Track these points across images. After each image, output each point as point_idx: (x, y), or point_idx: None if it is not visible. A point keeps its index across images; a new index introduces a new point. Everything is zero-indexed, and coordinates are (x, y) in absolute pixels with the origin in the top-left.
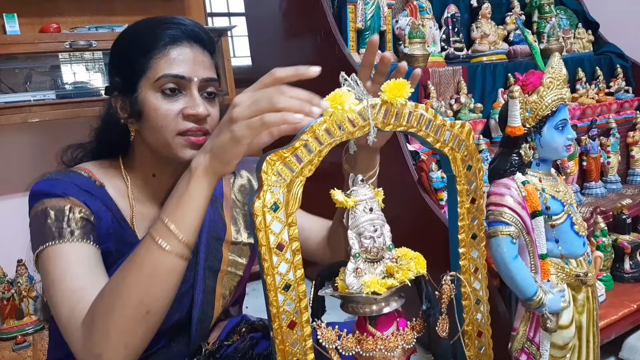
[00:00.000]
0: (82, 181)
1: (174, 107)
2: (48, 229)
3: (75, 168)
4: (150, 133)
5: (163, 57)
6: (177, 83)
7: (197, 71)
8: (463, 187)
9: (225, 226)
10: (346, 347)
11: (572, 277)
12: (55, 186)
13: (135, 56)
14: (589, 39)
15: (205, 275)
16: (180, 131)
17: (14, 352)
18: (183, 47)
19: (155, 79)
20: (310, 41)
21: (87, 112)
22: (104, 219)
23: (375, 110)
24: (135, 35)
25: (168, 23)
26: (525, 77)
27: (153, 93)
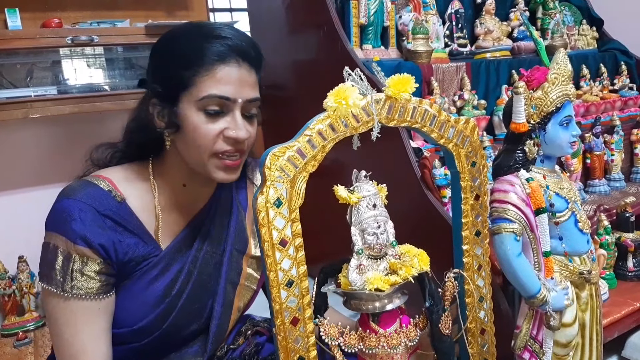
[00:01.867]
0: (101, 201)
1: (215, 128)
2: (54, 273)
3: (98, 177)
4: (186, 148)
5: (209, 75)
6: (220, 104)
7: (242, 92)
8: (467, 183)
9: (247, 239)
10: (349, 344)
11: (575, 274)
12: (67, 221)
13: (178, 69)
14: (593, 36)
15: (227, 289)
16: (217, 152)
17: (15, 349)
18: (231, 66)
19: (200, 98)
20: (313, 37)
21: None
22: (120, 246)
23: (379, 105)
24: (179, 46)
25: (215, 36)
26: (530, 73)
27: (195, 111)
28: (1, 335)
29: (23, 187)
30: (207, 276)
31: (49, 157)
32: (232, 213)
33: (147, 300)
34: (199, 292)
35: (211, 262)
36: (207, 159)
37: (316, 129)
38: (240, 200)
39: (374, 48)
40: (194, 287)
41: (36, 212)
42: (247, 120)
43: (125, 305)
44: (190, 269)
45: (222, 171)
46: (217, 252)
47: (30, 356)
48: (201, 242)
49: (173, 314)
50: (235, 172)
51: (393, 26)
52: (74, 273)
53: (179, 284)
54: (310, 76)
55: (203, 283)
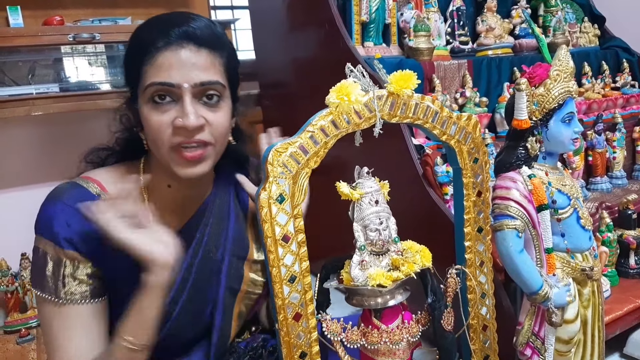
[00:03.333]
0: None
1: (165, 118)
2: (46, 280)
3: (87, 179)
4: (150, 144)
5: (150, 63)
6: (166, 91)
7: (188, 76)
8: (469, 179)
9: (248, 244)
10: (351, 340)
11: (577, 271)
12: (54, 225)
13: (130, 64)
14: (595, 33)
15: (226, 296)
16: (172, 144)
17: (18, 345)
18: (172, 50)
19: (144, 88)
20: (314, 34)
21: (90, 105)
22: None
23: (381, 101)
24: (133, 41)
25: (167, 24)
26: (532, 70)
27: (144, 103)
28: (4, 332)
29: (25, 184)
30: (204, 283)
31: (51, 155)
32: (229, 217)
33: None
34: (196, 300)
35: (208, 269)
36: (166, 153)
37: (318, 125)
38: (241, 201)
39: (375, 45)
40: (190, 295)
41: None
42: (207, 107)
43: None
44: (186, 276)
45: (183, 166)
46: (214, 258)
47: (33, 353)
48: (196, 248)
49: (169, 322)
50: (198, 166)
51: (395, 23)
52: (66, 278)
53: (173, 291)
54: (312, 74)
55: (200, 290)
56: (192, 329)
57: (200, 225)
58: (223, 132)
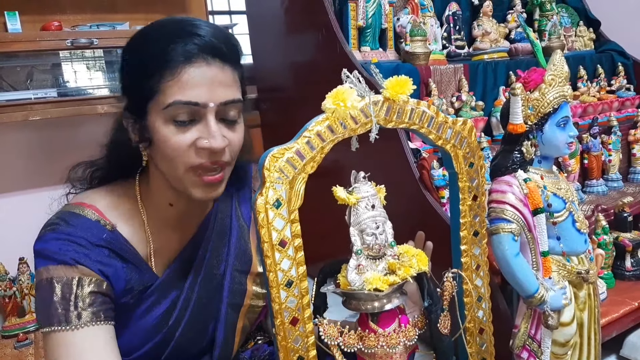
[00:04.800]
0: (92, 232)
1: (186, 138)
2: (54, 309)
3: (82, 205)
4: (162, 163)
5: (174, 79)
6: (190, 111)
7: (214, 94)
8: (465, 184)
9: (251, 257)
10: (348, 344)
11: (573, 274)
12: (62, 249)
13: (144, 75)
14: (591, 37)
15: (228, 313)
16: (192, 165)
17: (15, 350)
18: (197, 67)
19: (165, 106)
20: (311, 39)
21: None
22: (120, 275)
23: (377, 107)
24: (144, 49)
25: (181, 35)
26: (527, 75)
27: (163, 121)
28: (2, 337)
29: (23, 189)
30: (206, 300)
31: (49, 159)
32: (231, 231)
33: (144, 327)
34: (198, 317)
35: (211, 285)
36: (183, 174)
37: (315, 131)
38: (243, 214)
39: (372, 50)
40: (193, 313)
41: (36, 214)
42: (226, 126)
43: (122, 334)
44: (189, 295)
45: (200, 189)
46: (217, 273)
47: (30, 357)
48: (199, 265)
49: (172, 342)
50: (217, 189)
51: (391, 28)
52: (77, 299)
53: (176, 311)
54: (309, 78)
55: (202, 307)
56: (196, 346)
57: (203, 242)
58: (238, 151)
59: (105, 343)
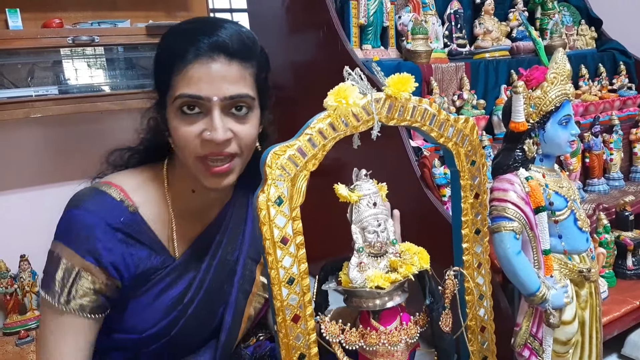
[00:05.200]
0: (112, 213)
1: (193, 129)
2: (54, 282)
3: (109, 184)
4: (178, 152)
5: (182, 74)
6: (195, 104)
7: (219, 89)
8: (467, 182)
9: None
10: (350, 341)
11: (575, 272)
12: (76, 234)
13: (160, 71)
14: (592, 36)
15: (238, 298)
16: (198, 155)
17: (17, 347)
18: (203, 63)
19: (173, 99)
20: (313, 37)
21: (89, 107)
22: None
23: (379, 104)
24: (164, 46)
25: (196, 33)
26: (529, 73)
27: (173, 113)
28: (3, 334)
29: (24, 186)
30: (219, 284)
31: (50, 157)
32: (247, 220)
33: (159, 308)
34: (209, 301)
35: (224, 271)
36: (192, 162)
37: (317, 128)
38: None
39: (373, 48)
40: (205, 295)
41: (38, 212)
42: (235, 119)
43: (136, 313)
44: (204, 277)
45: (208, 178)
46: (230, 259)
47: (32, 354)
48: (215, 250)
49: (182, 321)
50: (225, 178)
51: (392, 26)
52: (72, 287)
53: (191, 292)
54: (310, 76)
55: (215, 291)
56: (204, 329)
57: (221, 229)
58: (250, 143)
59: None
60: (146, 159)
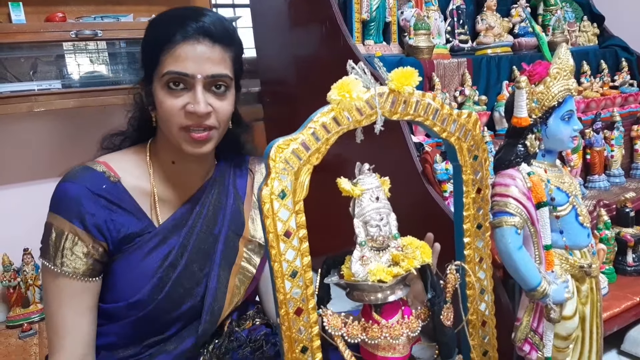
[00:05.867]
0: (94, 182)
1: (177, 103)
2: (48, 246)
3: (95, 162)
4: (162, 123)
5: (170, 53)
6: (181, 80)
7: (201, 68)
8: (469, 177)
9: (244, 223)
10: (352, 335)
11: (576, 268)
12: (64, 202)
13: (150, 49)
14: (594, 32)
15: (221, 266)
16: (182, 126)
17: (20, 340)
18: (190, 44)
19: (162, 75)
20: (315, 32)
21: (92, 101)
22: (110, 226)
23: (382, 98)
24: (154, 28)
25: (184, 19)
26: (532, 68)
27: (160, 87)
28: (6, 327)
29: (28, 180)
30: (202, 254)
31: (53, 151)
32: (228, 196)
33: (144, 271)
34: (193, 268)
35: (206, 241)
36: (176, 132)
37: (320, 122)
38: (238, 187)
39: (375, 44)
40: (189, 262)
41: (41, 205)
42: (214, 96)
43: (123, 277)
44: (184, 242)
45: (190, 144)
46: (212, 231)
47: (35, 347)
48: (196, 219)
49: (167, 286)
50: (203, 145)
51: (395, 22)
52: (64, 250)
53: (171, 256)
54: (313, 71)
55: (198, 259)
56: (188, 297)
57: (200, 200)
58: (226, 118)
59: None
60: (136, 140)
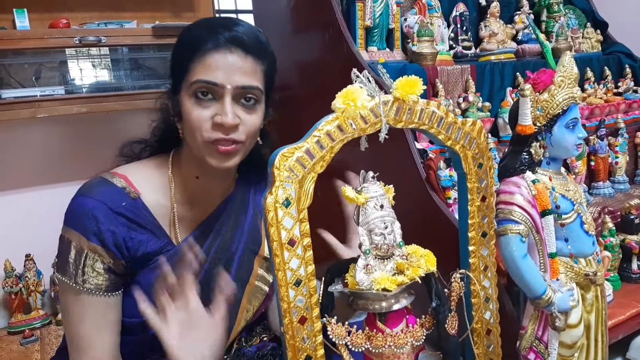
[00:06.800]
0: (113, 198)
1: (205, 114)
2: (68, 266)
3: (114, 174)
4: (187, 135)
5: (200, 61)
6: (209, 89)
7: (232, 78)
8: (474, 184)
9: (261, 240)
10: (356, 344)
11: (581, 276)
12: (81, 218)
13: (179, 58)
14: (598, 39)
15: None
16: (208, 138)
17: (21, 346)
18: (222, 53)
19: (191, 83)
20: (318, 38)
21: (95, 107)
22: (130, 245)
23: (387, 107)
24: (184, 37)
25: (217, 26)
26: (537, 76)
27: (188, 97)
28: (8, 333)
29: (30, 186)
30: (217, 270)
31: (56, 157)
32: (247, 213)
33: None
34: (208, 284)
35: (223, 257)
36: (202, 144)
37: (325, 130)
38: (258, 203)
39: (379, 50)
40: (205, 280)
41: (43, 211)
42: (243, 108)
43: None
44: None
45: (215, 157)
46: (229, 249)
47: (36, 354)
48: (214, 237)
49: None
50: (229, 160)
51: (398, 28)
52: (85, 267)
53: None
54: (316, 78)
55: (213, 277)
56: None
57: (221, 217)
58: (254, 133)
59: (101, 311)
60: (157, 150)
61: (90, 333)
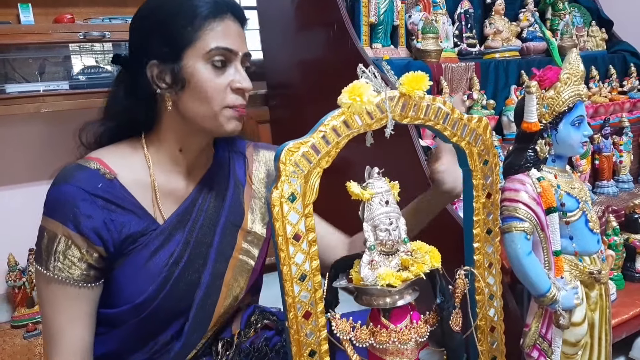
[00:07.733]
0: (89, 181)
1: (223, 80)
2: (40, 251)
3: (87, 159)
4: (194, 104)
5: (212, 29)
6: (225, 56)
7: (241, 45)
8: (479, 181)
9: (243, 213)
10: (360, 339)
11: (585, 274)
12: (58, 205)
13: (178, 26)
14: (603, 37)
15: (217, 259)
16: (228, 104)
17: (24, 340)
18: (229, 20)
19: (207, 51)
20: (322, 35)
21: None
22: (111, 227)
23: (393, 102)
24: (170, 7)
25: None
26: (543, 73)
27: (203, 64)
28: (11, 327)
29: (34, 180)
30: (204, 247)
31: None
32: (229, 186)
33: (150, 271)
34: (194, 264)
35: (208, 233)
36: (219, 110)
37: (330, 125)
38: (239, 176)
39: (383, 47)
40: (191, 258)
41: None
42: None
43: (130, 280)
44: (188, 238)
45: (232, 123)
46: (213, 223)
47: (39, 347)
48: (198, 213)
49: (170, 283)
50: (241, 123)
51: (403, 25)
52: (57, 254)
53: (176, 253)
54: (320, 74)
55: (199, 254)
56: (189, 294)
57: (202, 193)
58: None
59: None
60: (120, 134)
61: (62, 323)
